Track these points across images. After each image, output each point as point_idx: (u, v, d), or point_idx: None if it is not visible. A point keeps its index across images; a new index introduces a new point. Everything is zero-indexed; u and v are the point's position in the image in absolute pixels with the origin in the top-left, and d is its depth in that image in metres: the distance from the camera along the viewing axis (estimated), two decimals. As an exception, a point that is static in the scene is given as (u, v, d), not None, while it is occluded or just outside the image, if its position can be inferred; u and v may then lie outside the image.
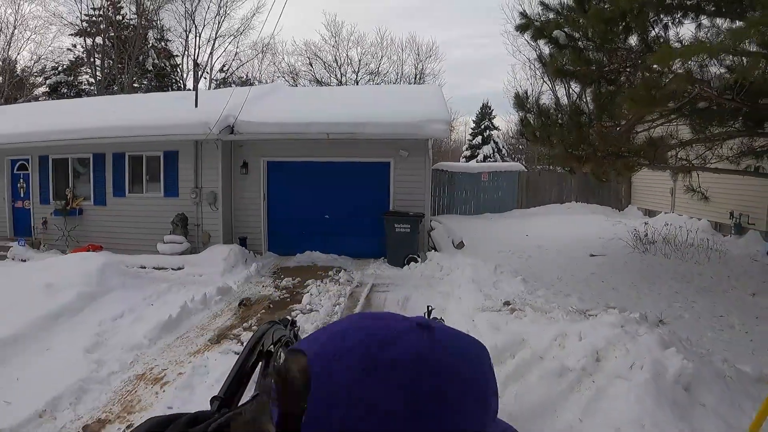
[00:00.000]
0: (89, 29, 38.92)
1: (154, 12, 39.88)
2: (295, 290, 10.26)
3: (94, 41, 39.38)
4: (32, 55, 40.60)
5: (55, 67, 39.58)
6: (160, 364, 6.63)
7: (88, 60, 40.13)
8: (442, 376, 0.74)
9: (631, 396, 4.38)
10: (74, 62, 39.92)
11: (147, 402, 5.67)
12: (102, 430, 5.13)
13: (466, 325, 7.11)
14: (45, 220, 15.46)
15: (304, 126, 13.13)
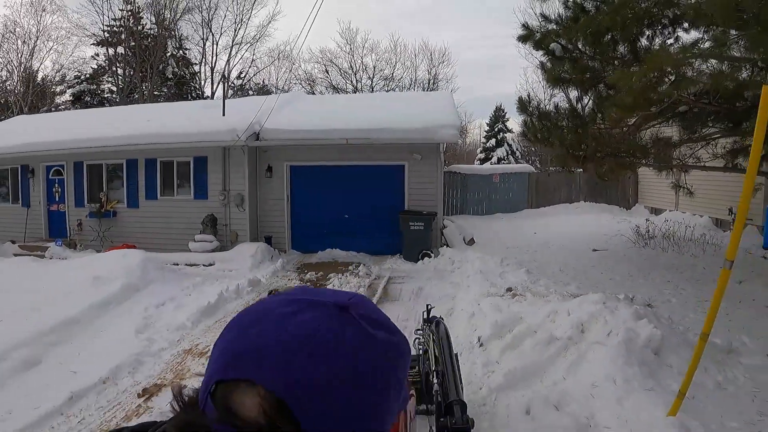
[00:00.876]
0: (110, 39, 40.13)
1: (173, 22, 40.94)
2: (319, 282, 11.20)
3: (116, 51, 40.56)
4: (54, 64, 41.72)
5: (78, 76, 40.74)
6: (204, 342, 7.58)
7: (109, 69, 41.27)
8: (318, 358, 0.74)
9: (606, 358, 5.24)
10: (96, 71, 41.07)
11: (196, 370, 6.61)
12: (158, 392, 6.05)
13: (472, 308, 7.99)
14: (80, 222, 16.47)
15: (324, 132, 14.12)
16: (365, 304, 0.85)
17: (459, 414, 2.59)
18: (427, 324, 4.29)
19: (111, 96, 40.93)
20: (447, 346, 3.59)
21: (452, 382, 3.03)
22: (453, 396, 2.84)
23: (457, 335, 7.41)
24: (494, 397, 5.21)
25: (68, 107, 39.66)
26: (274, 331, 0.76)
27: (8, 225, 17.60)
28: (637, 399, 4.58)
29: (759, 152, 3.69)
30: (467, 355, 6.48)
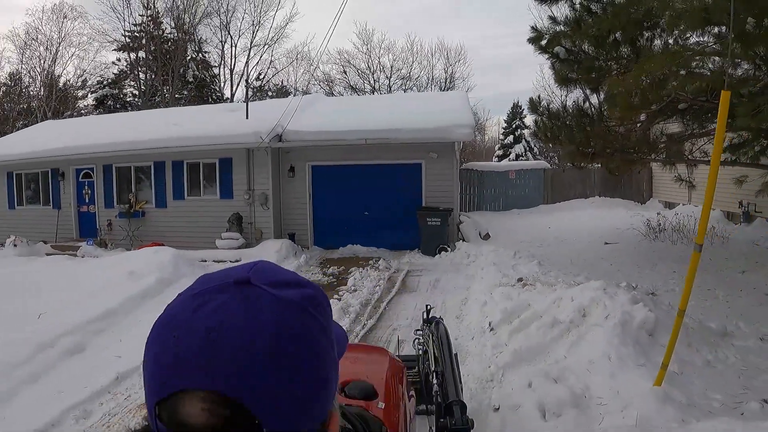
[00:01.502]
0: (131, 44, 40.90)
1: (192, 26, 41.68)
2: (341, 276, 11.81)
3: (137, 55, 41.36)
4: (76, 69, 42.59)
5: (101, 81, 41.57)
6: (236, 331, 8.19)
7: (131, 73, 42.07)
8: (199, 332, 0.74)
9: (603, 338, 5.76)
10: (118, 76, 41.83)
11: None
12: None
13: (484, 297, 8.54)
14: (110, 222, 17.18)
15: (344, 133, 14.75)
16: (265, 269, 0.86)
17: (459, 414, 2.62)
18: (426, 324, 4.29)
19: (133, 100, 41.70)
20: (447, 346, 3.57)
21: (452, 383, 3.04)
22: (453, 396, 2.86)
23: (470, 322, 8.01)
24: (501, 374, 5.76)
25: (91, 111, 40.66)
26: (188, 332, 0.75)
27: (40, 226, 18.30)
28: (628, 373, 5.10)
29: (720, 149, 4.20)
30: (479, 339, 7.05)
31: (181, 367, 0.72)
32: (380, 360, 3.01)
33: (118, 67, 42.05)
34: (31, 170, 18.86)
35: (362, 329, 8.15)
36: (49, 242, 17.09)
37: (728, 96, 3.90)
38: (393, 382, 2.71)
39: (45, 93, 36.88)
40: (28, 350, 6.96)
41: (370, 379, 2.49)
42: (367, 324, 8.39)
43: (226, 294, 0.77)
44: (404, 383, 2.89)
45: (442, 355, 3.42)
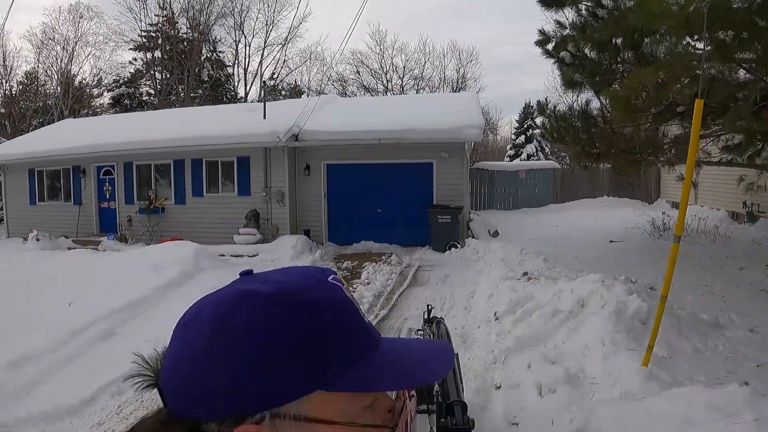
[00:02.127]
0: (147, 44, 41.55)
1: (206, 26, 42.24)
2: (355, 270, 12.29)
3: (153, 55, 41.99)
4: (92, 68, 43.13)
5: (117, 80, 42.31)
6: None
7: (147, 72, 42.79)
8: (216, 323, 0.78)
9: (599, 325, 6.22)
10: (134, 75, 42.53)
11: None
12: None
13: (491, 290, 9.05)
14: (130, 217, 17.75)
15: (358, 133, 15.23)
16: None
17: (460, 414, 2.57)
18: (427, 324, 4.21)
19: (149, 99, 42.41)
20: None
21: (453, 383, 2.96)
22: (454, 396, 2.81)
23: (476, 312, 8.49)
24: (504, 357, 6.24)
25: (107, 110, 41.40)
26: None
27: (61, 221, 18.93)
28: (620, 356, 5.55)
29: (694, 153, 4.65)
30: (484, 327, 7.54)
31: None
32: None
33: (134, 67, 42.81)
34: (52, 167, 19.44)
35: (375, 318, 8.62)
36: (70, 237, 17.60)
37: (701, 104, 4.35)
38: None
39: (61, 92, 37.47)
40: (63, 335, 7.51)
41: None
42: (379, 314, 8.86)
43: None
44: None
45: None
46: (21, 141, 22.60)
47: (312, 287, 0.83)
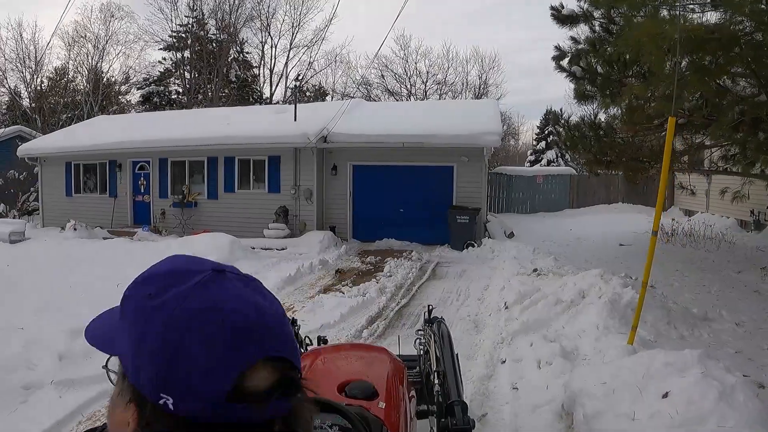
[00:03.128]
0: (176, 44, 42.57)
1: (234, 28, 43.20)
2: (378, 264, 13.18)
3: (183, 55, 42.99)
4: (122, 66, 44.14)
5: (147, 78, 43.34)
6: (289, 302, 9.61)
7: (175, 71, 43.83)
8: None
9: (595, 313, 7.08)
10: (163, 74, 43.58)
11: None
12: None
13: (503, 284, 9.97)
14: (163, 211, 18.74)
15: (383, 137, 16.16)
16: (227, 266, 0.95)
17: (460, 415, 2.64)
18: (428, 324, 4.18)
19: (177, 97, 43.44)
20: (448, 346, 3.56)
21: (453, 383, 3.06)
22: (454, 396, 2.89)
23: (489, 302, 9.40)
24: (510, 338, 7.13)
25: (137, 107, 42.61)
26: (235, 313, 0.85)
27: (96, 213, 19.86)
28: (610, 338, 6.40)
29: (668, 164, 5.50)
30: (495, 315, 8.44)
31: (247, 344, 0.81)
32: (381, 360, 3.04)
33: (163, 66, 43.83)
34: (89, 161, 20.43)
35: (396, 305, 9.50)
36: (105, 228, 18.56)
37: (674, 121, 5.20)
38: (394, 382, 2.72)
39: (91, 88, 38.36)
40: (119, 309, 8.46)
41: (371, 379, 2.52)
42: (401, 302, 9.73)
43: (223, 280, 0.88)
44: (405, 383, 2.90)
45: (443, 355, 3.37)
46: (57, 135, 23.64)
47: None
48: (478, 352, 6.99)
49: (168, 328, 0.82)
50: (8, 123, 35.06)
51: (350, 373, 2.67)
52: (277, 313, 0.89)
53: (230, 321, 0.81)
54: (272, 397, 0.81)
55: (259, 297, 0.88)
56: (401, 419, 2.44)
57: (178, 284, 0.86)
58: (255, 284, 0.91)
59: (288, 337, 0.87)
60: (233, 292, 0.86)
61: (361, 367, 2.89)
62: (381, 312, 9.04)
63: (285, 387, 0.82)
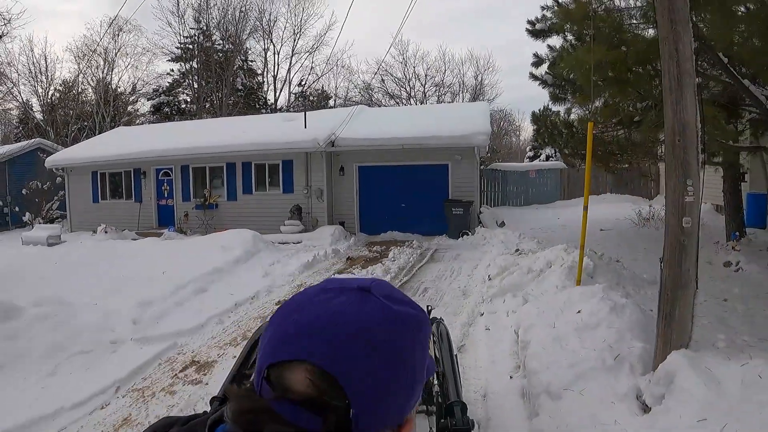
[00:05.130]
0: (184, 55, 44.09)
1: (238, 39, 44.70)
2: (383, 252, 14.97)
3: (191, 65, 44.46)
4: (131, 77, 45.18)
5: (156, 89, 44.80)
6: (309, 282, 11.39)
7: (183, 81, 45.30)
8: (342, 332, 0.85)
9: (556, 277, 8.85)
10: (172, 84, 45.07)
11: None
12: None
13: (489, 262, 11.77)
14: (186, 213, 20.48)
15: (385, 140, 18.02)
16: (384, 285, 0.96)
17: (460, 415, 2.66)
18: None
19: (186, 107, 44.95)
20: (447, 346, 3.61)
21: (453, 384, 3.09)
22: (453, 397, 2.92)
23: (476, 276, 11.24)
24: (490, 299, 8.95)
25: (148, 117, 44.24)
26: (313, 314, 0.88)
27: (122, 217, 21.49)
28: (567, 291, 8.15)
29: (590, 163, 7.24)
30: (480, 285, 10.29)
31: (299, 341, 0.85)
32: None
33: (172, 77, 45.30)
34: (114, 170, 22.10)
35: (399, 282, 11.29)
36: (132, 230, 20.30)
37: (591, 125, 6.97)
38: None
39: (102, 99, 39.60)
40: (171, 289, 10.26)
41: None
42: (403, 279, 11.55)
43: (348, 294, 0.91)
44: None
45: (442, 356, 3.41)
46: (81, 147, 25.42)
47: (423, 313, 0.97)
48: (463, 310, 8.83)
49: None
50: (22, 136, 36.66)
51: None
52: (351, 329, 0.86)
53: (292, 318, 0.89)
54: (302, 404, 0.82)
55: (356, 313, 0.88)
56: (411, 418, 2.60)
57: (313, 287, 0.99)
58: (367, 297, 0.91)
59: (342, 353, 0.84)
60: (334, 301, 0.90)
61: None
62: (386, 287, 10.85)
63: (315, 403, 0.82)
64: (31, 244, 17.85)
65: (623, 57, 8.73)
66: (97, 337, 7.78)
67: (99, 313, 8.62)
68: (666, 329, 4.57)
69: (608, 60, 8.61)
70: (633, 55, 8.71)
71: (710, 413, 3.58)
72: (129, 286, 10.58)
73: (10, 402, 5.88)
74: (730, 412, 3.54)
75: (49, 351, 7.22)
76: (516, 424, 4.62)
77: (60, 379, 6.56)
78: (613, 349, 4.93)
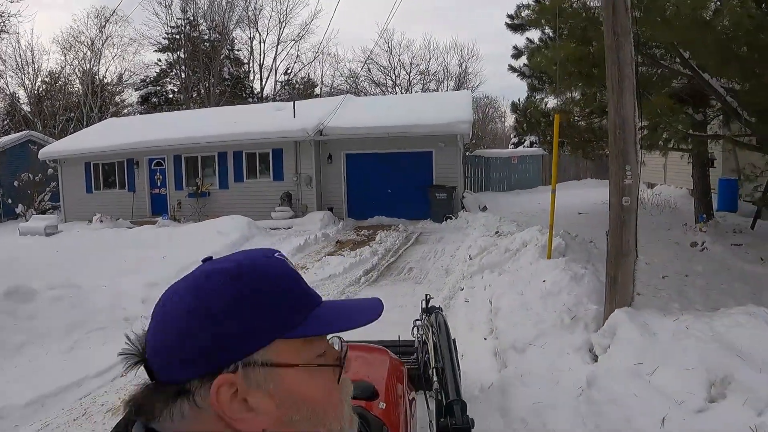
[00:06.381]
0: (171, 45, 44.39)
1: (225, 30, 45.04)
2: (371, 236, 15.68)
3: (178, 55, 44.73)
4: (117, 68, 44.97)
5: (144, 79, 45.06)
6: (302, 263, 12.14)
7: (170, 71, 45.66)
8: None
9: (530, 254, 9.59)
10: (159, 74, 45.40)
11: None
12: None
13: (470, 243, 12.53)
14: (179, 201, 21.15)
15: (371, 129, 18.78)
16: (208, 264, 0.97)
17: (459, 414, 2.64)
18: (425, 314, 4.21)
19: (174, 96, 45.30)
20: (446, 340, 3.58)
21: (452, 381, 3.06)
22: (453, 395, 2.89)
23: (459, 256, 12.01)
24: (470, 276, 9.73)
25: (136, 108, 44.40)
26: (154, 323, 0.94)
27: (116, 207, 21.92)
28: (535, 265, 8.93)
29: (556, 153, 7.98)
30: (462, 264, 11.06)
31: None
32: (381, 360, 3.08)
33: (159, 67, 45.56)
34: (108, 160, 22.61)
35: (386, 262, 12.11)
36: (126, 219, 20.81)
37: (558, 117, 7.74)
38: (394, 382, 2.79)
39: (89, 91, 39.59)
40: (174, 271, 10.87)
41: (371, 380, 2.52)
42: (390, 260, 12.36)
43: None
44: (405, 383, 2.96)
45: (441, 349, 3.41)
46: (74, 138, 25.85)
47: (263, 262, 0.96)
48: (446, 286, 9.65)
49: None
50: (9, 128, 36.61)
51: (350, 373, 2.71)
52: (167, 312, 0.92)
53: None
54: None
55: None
56: (401, 419, 2.51)
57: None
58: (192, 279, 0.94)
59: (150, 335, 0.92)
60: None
61: (361, 368, 2.86)
62: (374, 267, 11.71)
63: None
64: (29, 234, 18.47)
65: (588, 54, 9.45)
66: (111, 315, 8.49)
67: (109, 294, 9.30)
68: (611, 291, 5.38)
69: (575, 57, 9.34)
70: (597, 51, 9.45)
71: (645, 357, 4.34)
72: (134, 269, 11.26)
73: (38, 374, 6.53)
74: (661, 356, 4.29)
75: (68, 329, 7.90)
76: (488, 376, 5.35)
77: (80, 353, 7.25)
78: (571, 311, 5.74)
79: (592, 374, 4.45)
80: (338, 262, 11.72)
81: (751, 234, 13.46)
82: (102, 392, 6.18)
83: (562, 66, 9.00)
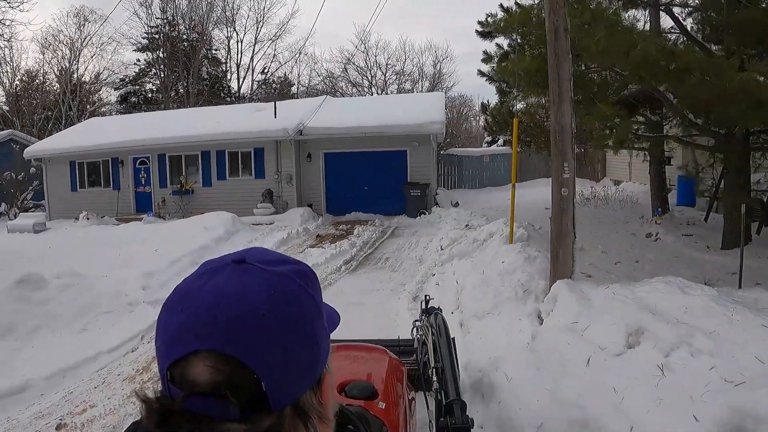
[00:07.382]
0: (150, 45, 44.68)
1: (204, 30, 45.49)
2: (349, 230, 16.56)
3: (158, 55, 44.95)
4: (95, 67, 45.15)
5: (123, 78, 45.21)
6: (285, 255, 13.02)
7: (149, 71, 45.92)
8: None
9: (495, 244, 10.54)
10: (138, 74, 45.56)
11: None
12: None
13: (442, 235, 13.49)
14: (164, 199, 21.85)
15: (348, 129, 19.72)
16: (258, 251, 0.95)
17: (459, 414, 2.64)
18: (425, 315, 4.28)
19: (152, 96, 45.48)
20: (446, 340, 3.58)
21: (452, 381, 3.04)
22: (453, 395, 2.87)
23: (432, 248, 12.94)
24: (441, 264, 10.71)
25: (115, 107, 44.69)
26: (196, 301, 0.84)
27: (101, 204, 22.39)
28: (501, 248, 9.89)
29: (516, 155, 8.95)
30: (434, 254, 12.04)
31: (189, 332, 0.81)
32: (380, 360, 3.07)
33: (138, 66, 45.72)
34: (92, 159, 23.14)
35: (364, 254, 13.08)
36: (111, 216, 21.28)
37: (517, 121, 8.72)
38: (393, 382, 2.80)
39: (68, 89, 39.70)
40: (167, 263, 11.78)
41: (371, 379, 2.58)
42: (368, 252, 13.34)
43: (226, 271, 0.87)
44: (404, 383, 2.96)
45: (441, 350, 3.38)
46: (57, 138, 26.36)
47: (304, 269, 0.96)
48: (419, 273, 10.68)
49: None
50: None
51: (350, 373, 2.67)
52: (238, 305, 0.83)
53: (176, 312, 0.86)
54: (210, 393, 0.79)
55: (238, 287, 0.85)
56: (401, 419, 2.52)
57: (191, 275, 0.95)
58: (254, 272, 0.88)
59: (235, 331, 0.81)
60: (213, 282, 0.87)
61: (360, 368, 2.90)
62: (353, 257, 12.71)
63: (229, 388, 0.79)
64: (17, 231, 19.00)
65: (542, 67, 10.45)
66: (115, 301, 9.33)
67: (111, 283, 10.11)
68: (554, 266, 6.40)
69: (532, 68, 10.34)
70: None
71: (580, 317, 5.30)
72: (129, 262, 12.00)
73: (55, 352, 7.28)
74: (593, 317, 5.25)
75: (78, 313, 8.70)
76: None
77: (92, 334, 8.07)
78: (524, 285, 6.75)
79: (536, 331, 5.43)
80: (320, 253, 12.66)
81: (703, 226, 14.46)
82: (117, 365, 6.99)
83: (522, 76, 9.98)
